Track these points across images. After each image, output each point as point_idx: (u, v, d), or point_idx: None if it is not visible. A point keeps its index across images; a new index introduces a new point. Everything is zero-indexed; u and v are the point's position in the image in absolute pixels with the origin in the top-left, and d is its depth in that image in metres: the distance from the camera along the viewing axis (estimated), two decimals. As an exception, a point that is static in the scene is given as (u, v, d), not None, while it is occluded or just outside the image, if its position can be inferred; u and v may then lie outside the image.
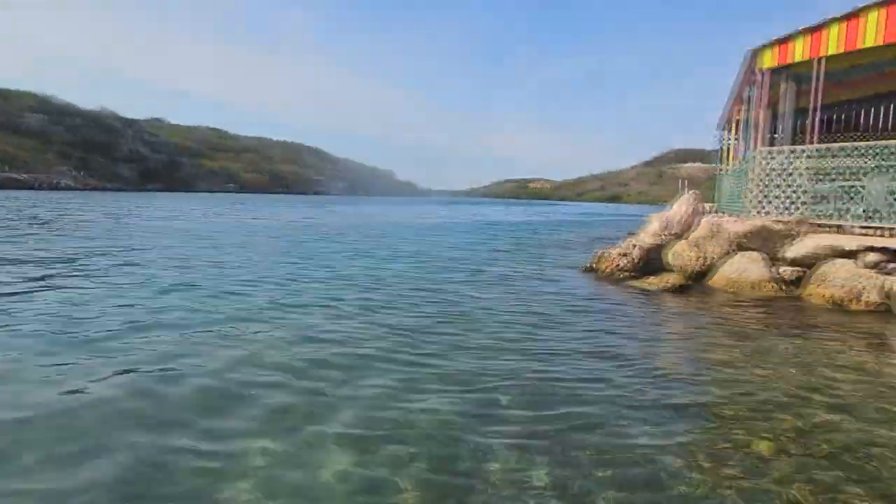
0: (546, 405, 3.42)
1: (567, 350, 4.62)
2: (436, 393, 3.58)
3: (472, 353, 4.49)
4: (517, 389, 3.68)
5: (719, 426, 3.20)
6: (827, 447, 2.93)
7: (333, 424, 3.09)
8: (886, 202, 7.62)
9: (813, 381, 3.99)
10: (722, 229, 8.15)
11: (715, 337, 5.24)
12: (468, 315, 5.87)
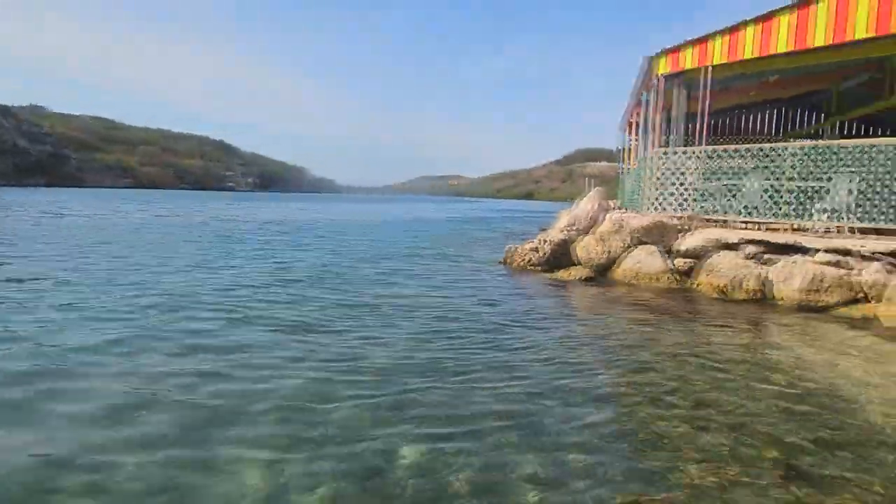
0: (462, 398, 3.43)
1: (480, 341, 4.68)
2: (350, 394, 3.48)
3: (388, 349, 4.42)
4: (433, 383, 3.66)
5: (626, 408, 3.37)
6: (719, 419, 3.17)
7: (239, 431, 2.90)
8: (762, 199, 8.45)
9: (702, 360, 4.32)
10: (624, 225, 8.65)
11: (618, 324, 5.54)
12: (381, 311, 5.79)
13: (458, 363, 4.15)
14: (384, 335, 4.87)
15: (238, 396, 3.38)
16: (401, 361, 4.15)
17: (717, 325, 5.65)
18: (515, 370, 4.03)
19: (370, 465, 2.63)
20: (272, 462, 2.62)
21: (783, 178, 8.15)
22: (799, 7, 8.11)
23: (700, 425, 3.14)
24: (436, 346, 4.60)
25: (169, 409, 3.16)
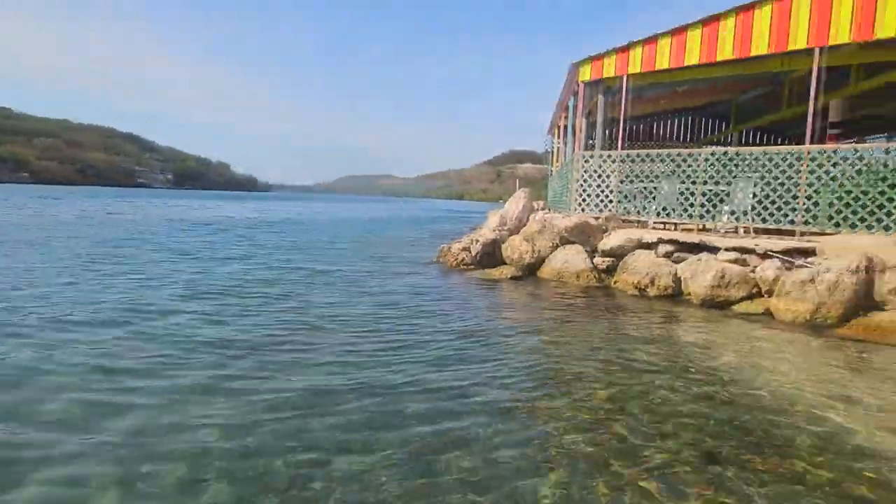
0: (394, 405, 3.40)
1: (411, 341, 4.67)
2: (274, 419, 3.36)
3: (319, 353, 4.31)
4: (365, 388, 3.61)
5: (552, 398, 3.47)
6: (633, 403, 3.34)
7: (149, 472, 2.72)
8: (676, 201, 9.02)
9: (619, 351, 4.55)
10: (550, 225, 8.94)
11: (546, 320, 5.72)
12: (308, 319, 5.64)
13: (390, 363, 4.11)
14: (316, 346, 4.75)
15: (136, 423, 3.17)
16: (342, 357, 4.06)
17: (632, 318, 5.97)
18: (445, 364, 4.06)
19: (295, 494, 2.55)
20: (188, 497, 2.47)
21: (694, 182, 8.74)
22: (708, 23, 8.72)
23: (617, 408, 3.30)
24: (370, 347, 4.54)
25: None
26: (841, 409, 3.52)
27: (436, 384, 3.71)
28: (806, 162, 7.68)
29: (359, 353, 4.33)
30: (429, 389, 3.61)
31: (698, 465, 2.71)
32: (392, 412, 3.22)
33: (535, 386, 3.78)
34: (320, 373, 3.85)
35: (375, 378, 3.78)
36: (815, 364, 4.57)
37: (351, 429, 2.98)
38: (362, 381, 3.71)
